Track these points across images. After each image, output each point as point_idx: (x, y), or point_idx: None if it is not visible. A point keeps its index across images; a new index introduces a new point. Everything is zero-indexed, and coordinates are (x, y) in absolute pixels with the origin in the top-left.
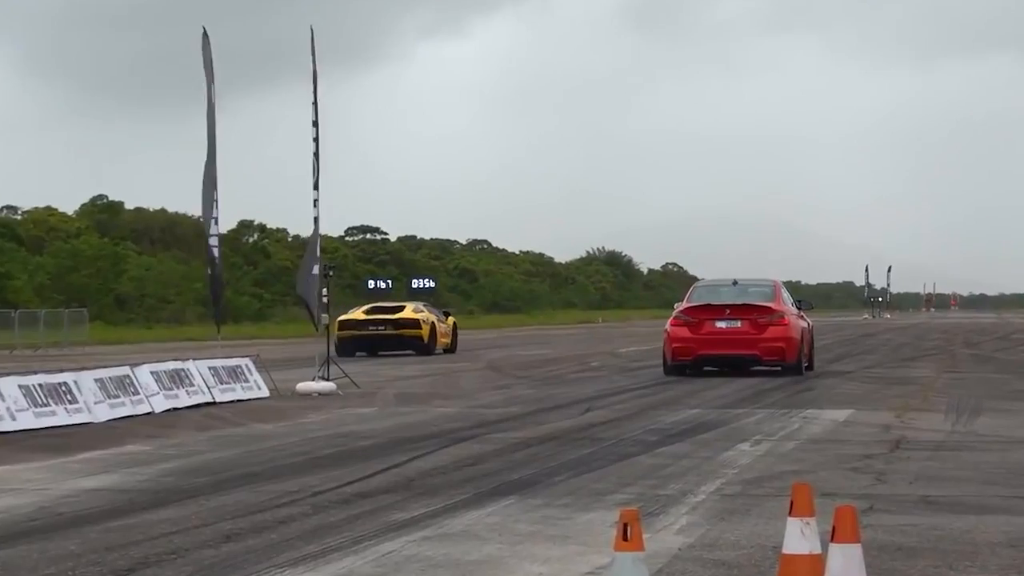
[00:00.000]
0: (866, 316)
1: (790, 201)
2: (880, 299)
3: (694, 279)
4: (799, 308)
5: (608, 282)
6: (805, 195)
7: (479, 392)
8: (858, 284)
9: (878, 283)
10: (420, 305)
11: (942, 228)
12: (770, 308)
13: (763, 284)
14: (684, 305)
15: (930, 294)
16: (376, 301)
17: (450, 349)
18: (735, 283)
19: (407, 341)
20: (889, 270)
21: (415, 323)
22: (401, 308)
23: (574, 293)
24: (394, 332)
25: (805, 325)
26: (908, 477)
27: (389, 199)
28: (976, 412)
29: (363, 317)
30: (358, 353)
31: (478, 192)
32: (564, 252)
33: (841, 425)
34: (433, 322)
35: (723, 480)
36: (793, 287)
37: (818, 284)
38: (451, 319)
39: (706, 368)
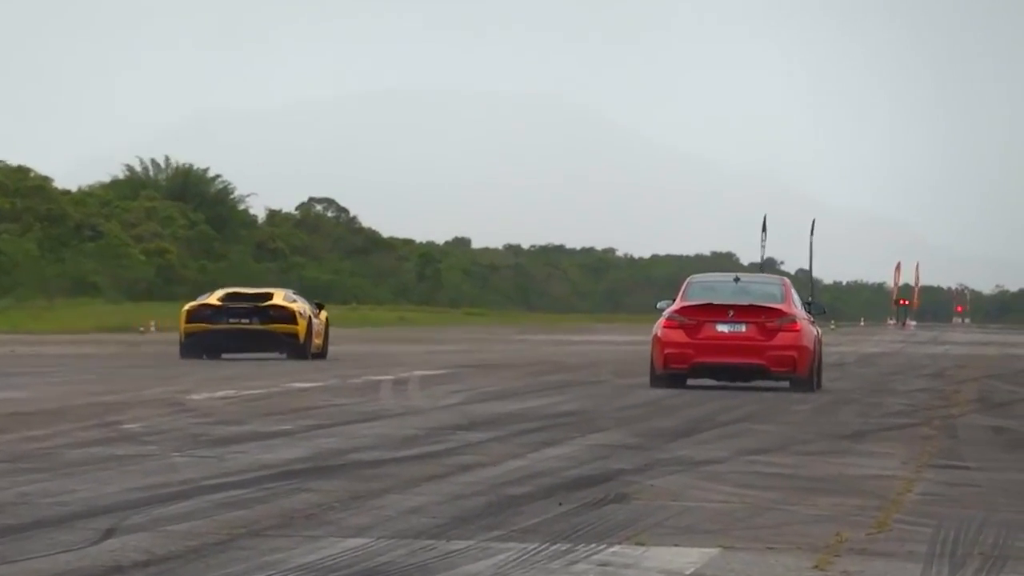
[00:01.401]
0: None
1: (588, 79)
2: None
3: (373, 236)
4: (809, 311)
5: (176, 236)
6: (627, 71)
7: None
8: (746, 262)
9: (790, 260)
10: (290, 292)
11: (937, 159)
12: (780, 311)
13: (770, 282)
14: (679, 304)
15: (907, 290)
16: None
17: (321, 353)
18: (737, 280)
19: (279, 339)
20: (812, 231)
21: (290, 315)
22: (269, 295)
23: (92, 261)
24: (261, 327)
25: (816, 333)
26: None
27: None
28: (994, 562)
29: (219, 304)
30: (206, 356)
31: None
32: (61, 164)
33: None
34: (309, 316)
35: None
36: (596, 262)
37: (657, 256)
38: (324, 313)
39: (693, 382)
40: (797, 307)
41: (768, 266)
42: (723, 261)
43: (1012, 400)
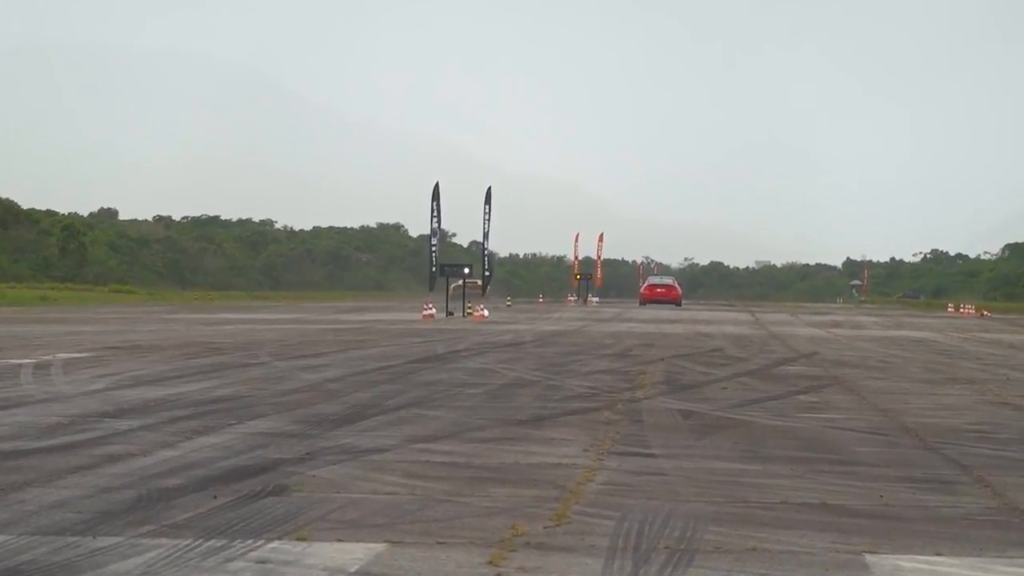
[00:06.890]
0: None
1: (249, 36)
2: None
3: (11, 207)
4: (679, 285)
5: None
6: (295, 30)
7: None
8: (415, 233)
9: (464, 232)
10: (672, 279)
11: (624, 124)
12: (673, 286)
13: (671, 276)
14: (646, 283)
15: (589, 263)
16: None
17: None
18: (661, 277)
19: (671, 299)
20: (487, 200)
21: (675, 289)
22: (668, 282)
23: None
24: (667, 295)
25: (681, 290)
26: None
27: None
28: (681, 555)
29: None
30: (649, 305)
31: None
32: None
33: None
34: (680, 289)
35: None
36: (253, 236)
37: (319, 229)
38: (678, 286)
39: (650, 305)
40: (677, 284)
41: (440, 238)
42: (390, 233)
43: (701, 382)
